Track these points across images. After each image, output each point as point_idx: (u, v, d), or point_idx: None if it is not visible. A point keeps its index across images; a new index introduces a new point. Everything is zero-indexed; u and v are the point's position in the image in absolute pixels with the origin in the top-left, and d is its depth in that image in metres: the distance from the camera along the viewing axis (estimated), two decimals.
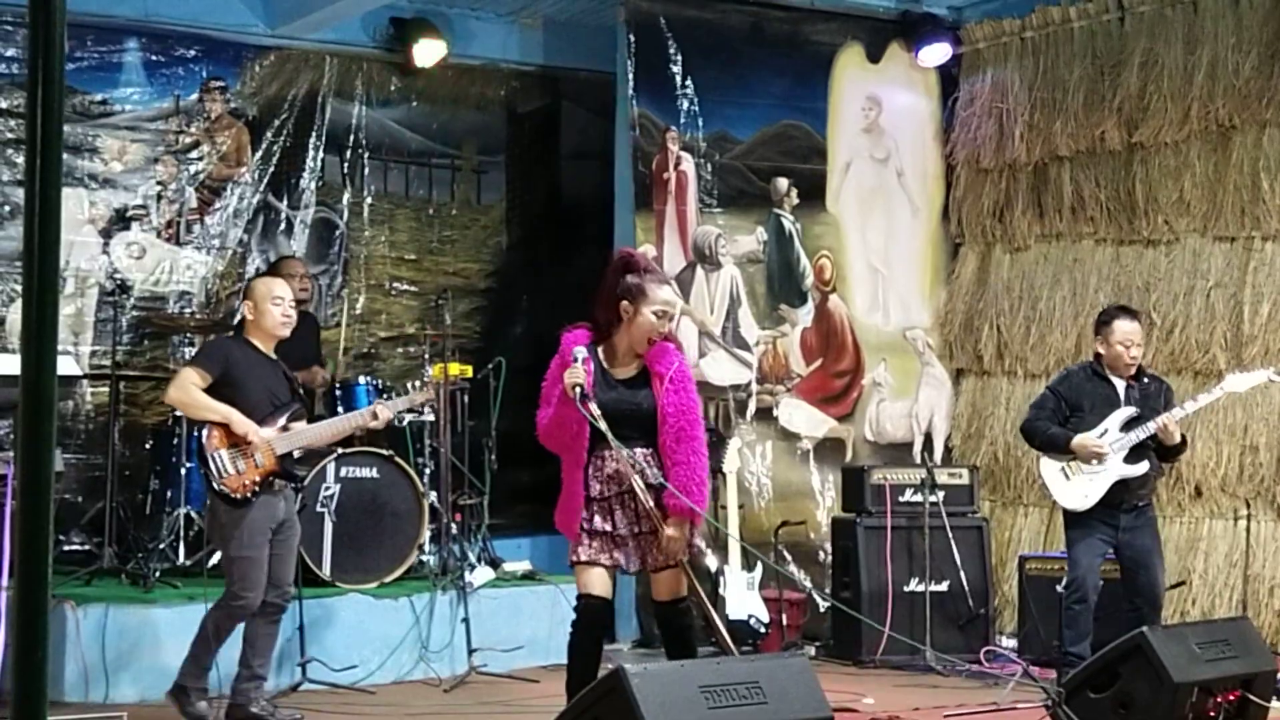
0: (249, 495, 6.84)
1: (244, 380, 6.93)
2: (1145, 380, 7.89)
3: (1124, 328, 7.80)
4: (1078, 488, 7.73)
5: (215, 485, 6.83)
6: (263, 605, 6.93)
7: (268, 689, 7.74)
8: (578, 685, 6.07)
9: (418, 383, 8.08)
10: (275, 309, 7.00)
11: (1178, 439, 7.69)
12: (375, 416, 7.37)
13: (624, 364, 6.09)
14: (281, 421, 7.00)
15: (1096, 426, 7.72)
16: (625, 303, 5.99)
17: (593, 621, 6.12)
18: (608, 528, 6.00)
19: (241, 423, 6.83)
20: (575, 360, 5.86)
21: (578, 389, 5.79)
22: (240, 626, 6.99)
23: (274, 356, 7.13)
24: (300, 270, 9.30)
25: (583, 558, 6.05)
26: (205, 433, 6.85)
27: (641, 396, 6.00)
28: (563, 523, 6.16)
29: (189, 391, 6.83)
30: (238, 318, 7.36)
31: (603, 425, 5.82)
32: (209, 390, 6.86)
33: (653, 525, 5.95)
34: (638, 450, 5.93)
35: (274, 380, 7.08)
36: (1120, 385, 7.81)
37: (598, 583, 6.11)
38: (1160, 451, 7.79)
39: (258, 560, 6.86)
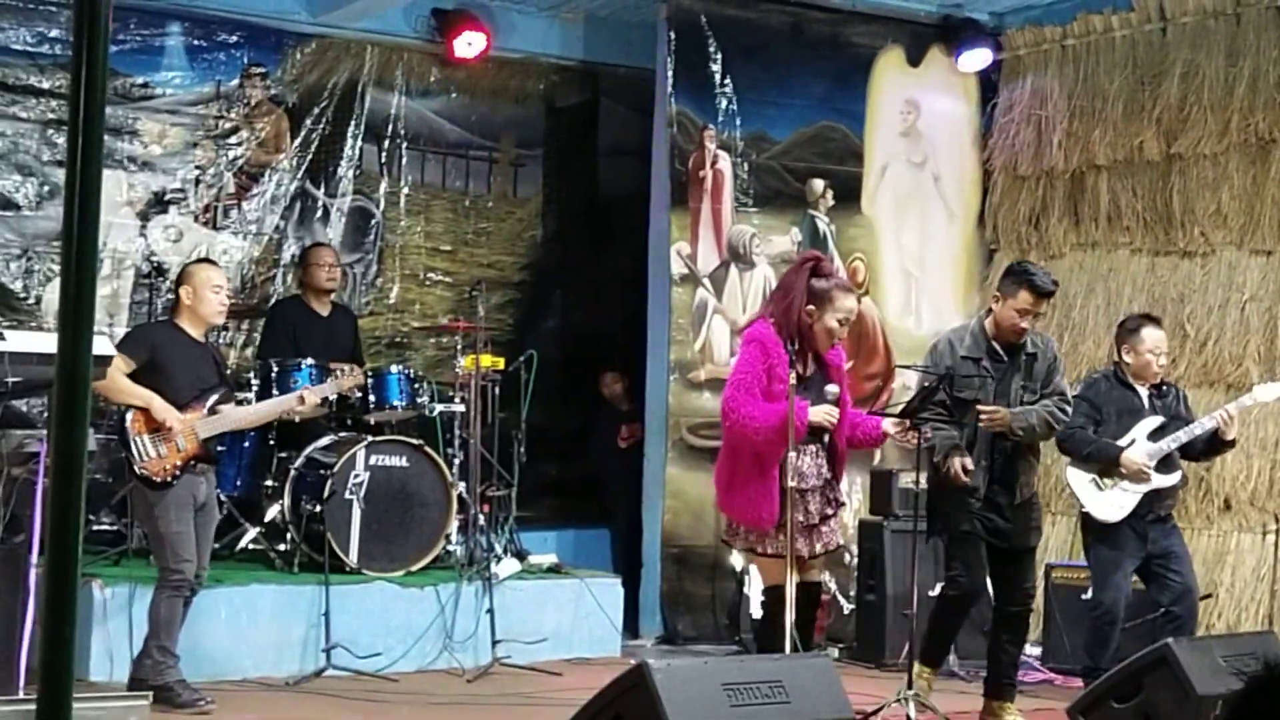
0: (169, 479, 7.04)
1: (169, 365, 7.13)
2: (1164, 387, 7.90)
3: (1153, 336, 7.81)
4: (1112, 499, 7.70)
5: (136, 469, 7.05)
6: None
7: (291, 672, 7.80)
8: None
9: (345, 367, 8.38)
10: (214, 296, 7.20)
11: (1234, 432, 7.70)
12: (302, 401, 7.71)
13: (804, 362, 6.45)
14: (209, 404, 7.19)
15: (1124, 436, 7.71)
16: (812, 306, 6.26)
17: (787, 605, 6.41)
18: (801, 519, 6.37)
19: (162, 409, 7.04)
20: (828, 398, 6.30)
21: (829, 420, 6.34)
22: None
23: (204, 340, 7.34)
24: (330, 259, 9.32)
25: (769, 550, 6.47)
26: (129, 417, 7.06)
27: (820, 393, 6.36)
28: (750, 514, 6.43)
29: (111, 377, 6.96)
30: (172, 301, 7.59)
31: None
32: (135, 375, 7.05)
33: (824, 515, 6.51)
34: (810, 447, 6.41)
35: (202, 364, 7.27)
36: (1144, 393, 7.81)
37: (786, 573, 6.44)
38: (1209, 447, 7.77)
39: (186, 533, 7.06)
